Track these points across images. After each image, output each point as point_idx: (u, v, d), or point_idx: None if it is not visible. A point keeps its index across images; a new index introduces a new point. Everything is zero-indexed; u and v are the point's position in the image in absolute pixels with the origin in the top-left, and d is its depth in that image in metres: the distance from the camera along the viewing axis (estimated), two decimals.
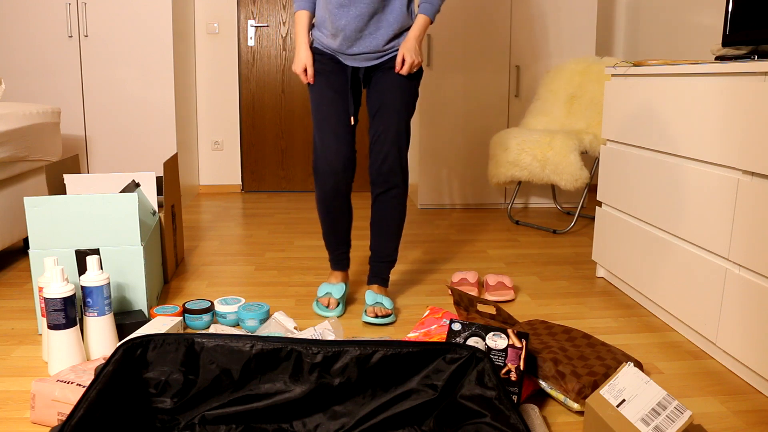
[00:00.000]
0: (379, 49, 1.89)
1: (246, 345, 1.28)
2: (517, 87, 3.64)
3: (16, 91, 3.45)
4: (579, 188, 3.08)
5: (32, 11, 3.37)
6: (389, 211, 1.98)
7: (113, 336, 1.62)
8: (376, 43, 1.88)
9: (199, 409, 1.26)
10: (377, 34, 1.87)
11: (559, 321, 1.96)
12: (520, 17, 3.58)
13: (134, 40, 3.45)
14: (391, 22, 1.87)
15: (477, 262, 2.60)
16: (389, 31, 1.87)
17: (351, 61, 1.92)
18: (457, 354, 1.28)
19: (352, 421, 1.26)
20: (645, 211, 2.01)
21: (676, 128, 1.83)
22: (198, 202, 3.92)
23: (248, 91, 4.16)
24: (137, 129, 3.54)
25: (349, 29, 1.84)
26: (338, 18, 1.83)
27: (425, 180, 3.69)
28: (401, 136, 1.92)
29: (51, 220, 1.75)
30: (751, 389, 1.54)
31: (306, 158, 4.28)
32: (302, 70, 1.92)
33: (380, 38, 1.87)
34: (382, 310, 1.91)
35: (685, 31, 3.29)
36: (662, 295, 1.91)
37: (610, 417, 1.23)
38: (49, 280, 1.52)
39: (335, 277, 2.09)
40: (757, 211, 1.49)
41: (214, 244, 2.86)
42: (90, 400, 1.06)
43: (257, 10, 4.07)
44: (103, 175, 2.16)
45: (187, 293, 2.19)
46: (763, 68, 1.47)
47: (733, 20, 1.76)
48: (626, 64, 2.17)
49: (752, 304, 1.50)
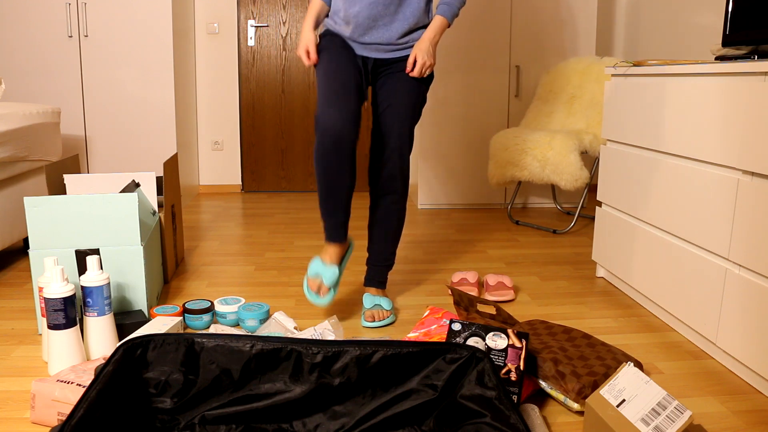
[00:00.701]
0: (392, 41, 1.85)
1: (246, 345, 1.28)
2: (517, 87, 3.64)
3: (16, 91, 3.45)
4: (579, 188, 3.08)
5: (32, 11, 3.37)
6: (388, 216, 1.95)
7: (113, 336, 1.62)
8: (390, 34, 1.83)
9: (199, 409, 1.26)
10: (392, 26, 1.83)
11: (559, 321, 1.96)
12: (520, 17, 3.58)
13: (134, 40, 3.45)
14: (407, 15, 1.83)
15: (477, 262, 2.60)
16: (404, 24, 1.83)
17: (362, 49, 1.88)
18: (457, 354, 1.28)
19: (352, 421, 1.26)
20: (645, 211, 2.01)
21: (676, 128, 1.83)
22: (198, 202, 3.92)
23: (248, 91, 4.16)
24: (137, 129, 3.54)
25: (361, 16, 1.81)
26: (351, 4, 1.81)
27: (425, 180, 3.69)
28: (405, 141, 1.87)
29: (51, 220, 1.75)
30: (751, 389, 1.54)
31: (306, 158, 4.27)
32: (304, 50, 1.83)
33: (394, 30, 1.83)
34: (380, 313, 1.90)
35: (685, 31, 3.29)
36: (662, 295, 1.91)
37: (610, 417, 1.23)
38: (49, 280, 1.52)
39: (329, 256, 1.89)
40: (757, 211, 1.49)
41: (214, 244, 2.86)
42: (90, 400, 1.06)
43: (257, 10, 4.07)
44: (103, 175, 2.16)
45: (187, 293, 2.19)
46: (763, 68, 1.47)
47: (733, 20, 1.76)
48: (626, 64, 2.17)
49: (752, 304, 1.50)
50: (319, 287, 1.87)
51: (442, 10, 1.85)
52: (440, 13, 1.85)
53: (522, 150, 3.05)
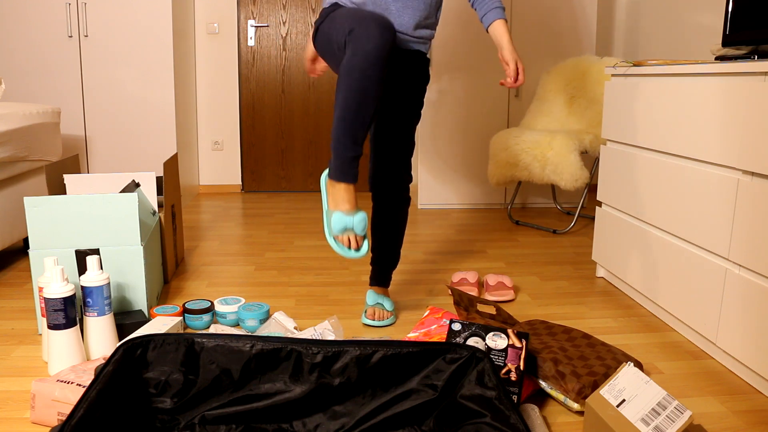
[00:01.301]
0: (407, 31, 1.79)
1: (246, 345, 1.28)
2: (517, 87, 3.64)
3: (16, 91, 3.45)
4: (579, 188, 3.08)
5: (32, 11, 3.37)
6: (391, 217, 1.94)
7: (113, 336, 1.62)
8: (402, 22, 1.77)
9: (199, 409, 1.26)
10: (405, 12, 1.77)
11: (559, 321, 1.96)
12: (520, 17, 3.58)
13: (134, 40, 3.45)
14: (420, 5, 1.77)
15: (477, 262, 2.60)
16: (417, 13, 1.77)
17: None
18: (457, 354, 1.28)
19: (352, 421, 1.26)
20: (645, 211, 2.01)
21: (676, 128, 1.83)
22: (198, 202, 3.92)
23: (248, 91, 4.16)
24: (137, 129, 3.54)
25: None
26: None
27: (425, 180, 3.69)
28: (409, 144, 1.87)
29: (51, 220, 1.75)
30: (751, 389, 1.54)
31: (306, 158, 4.27)
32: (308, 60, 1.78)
33: (407, 18, 1.77)
34: (381, 313, 1.90)
35: (685, 31, 3.29)
36: (662, 295, 1.91)
37: (610, 417, 1.23)
38: (49, 280, 1.52)
39: (348, 202, 1.61)
40: (757, 211, 1.49)
41: (214, 244, 2.86)
42: (90, 400, 1.06)
43: (257, 10, 4.07)
44: (103, 175, 2.16)
45: (187, 293, 2.19)
46: (763, 68, 1.47)
47: (733, 20, 1.76)
48: (626, 64, 2.17)
49: (752, 304, 1.50)
50: (350, 240, 1.61)
51: (498, 14, 1.80)
52: (498, 17, 1.80)
53: (522, 150, 3.05)
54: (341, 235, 1.60)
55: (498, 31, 1.78)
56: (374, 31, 1.51)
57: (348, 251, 1.61)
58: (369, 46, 1.51)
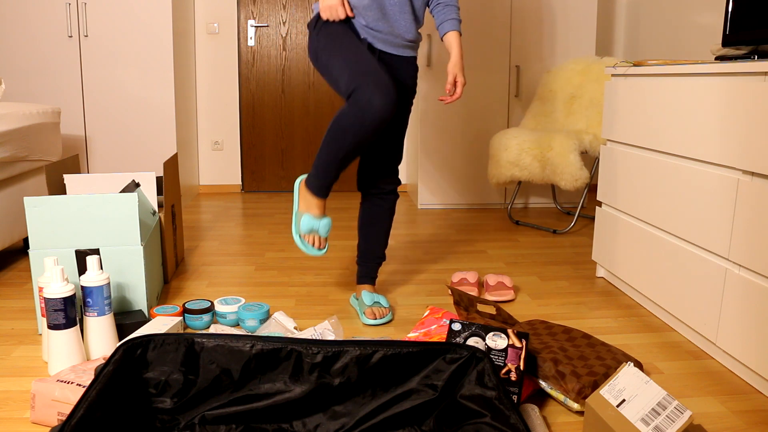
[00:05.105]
0: (404, 37, 1.82)
1: (246, 345, 1.28)
2: (517, 87, 3.64)
3: (16, 91, 3.45)
4: (579, 188, 3.08)
5: (32, 11, 3.37)
6: (382, 215, 2.00)
7: (113, 336, 1.62)
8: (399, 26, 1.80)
9: (199, 409, 1.26)
10: (401, 17, 1.79)
11: (559, 321, 1.96)
12: (520, 17, 3.58)
13: (134, 40, 3.45)
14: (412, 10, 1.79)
15: (477, 262, 2.60)
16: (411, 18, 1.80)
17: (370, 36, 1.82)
18: (457, 354, 1.28)
19: (352, 421, 1.26)
20: (645, 211, 2.01)
21: (676, 128, 1.83)
22: (198, 202, 3.92)
23: (248, 91, 4.16)
24: (137, 129, 3.54)
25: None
26: None
27: (425, 180, 3.69)
28: (399, 148, 1.95)
29: (51, 220, 1.75)
30: (751, 389, 1.54)
31: (306, 158, 4.27)
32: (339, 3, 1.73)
33: (403, 24, 1.80)
34: (381, 310, 1.93)
35: (685, 31, 3.29)
36: (662, 295, 1.91)
37: (610, 417, 1.23)
38: (49, 280, 1.52)
39: (318, 209, 1.83)
40: (757, 211, 1.49)
41: (214, 244, 2.86)
42: (90, 400, 1.06)
43: (257, 10, 4.07)
44: (103, 175, 2.16)
45: (187, 293, 2.19)
46: (763, 68, 1.47)
47: (733, 20, 1.76)
48: (626, 64, 2.17)
49: (752, 304, 1.50)
50: (314, 240, 1.83)
51: (454, 25, 1.84)
52: (454, 28, 1.84)
53: (522, 150, 3.05)
54: (308, 235, 1.83)
55: (450, 42, 1.86)
56: (377, 102, 1.61)
57: (311, 249, 1.83)
58: (367, 119, 1.64)
